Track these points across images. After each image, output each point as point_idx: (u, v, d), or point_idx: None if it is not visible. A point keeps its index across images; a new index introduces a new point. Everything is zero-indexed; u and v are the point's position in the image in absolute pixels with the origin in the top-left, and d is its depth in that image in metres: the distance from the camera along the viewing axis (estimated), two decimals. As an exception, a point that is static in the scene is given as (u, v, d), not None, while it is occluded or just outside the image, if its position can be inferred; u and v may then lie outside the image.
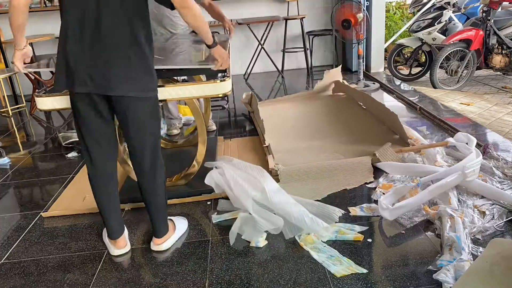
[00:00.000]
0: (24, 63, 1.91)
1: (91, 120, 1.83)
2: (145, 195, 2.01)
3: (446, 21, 4.89)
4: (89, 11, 1.66)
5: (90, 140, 1.87)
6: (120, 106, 1.79)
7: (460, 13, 5.32)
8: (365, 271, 1.79)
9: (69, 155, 3.34)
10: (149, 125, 1.88)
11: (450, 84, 4.80)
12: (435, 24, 4.87)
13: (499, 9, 4.78)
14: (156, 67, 1.85)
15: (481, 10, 4.85)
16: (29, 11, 1.83)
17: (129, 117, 1.81)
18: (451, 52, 4.64)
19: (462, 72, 4.71)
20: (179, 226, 2.19)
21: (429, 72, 4.78)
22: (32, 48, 4.91)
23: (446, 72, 4.82)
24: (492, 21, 4.66)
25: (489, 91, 4.73)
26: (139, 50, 1.73)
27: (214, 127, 3.76)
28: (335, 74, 4.37)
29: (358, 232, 2.05)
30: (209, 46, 1.94)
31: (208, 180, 2.44)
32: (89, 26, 1.67)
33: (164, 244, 2.07)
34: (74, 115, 1.86)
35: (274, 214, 2.15)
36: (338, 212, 2.21)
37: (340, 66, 4.54)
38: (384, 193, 2.33)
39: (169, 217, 2.15)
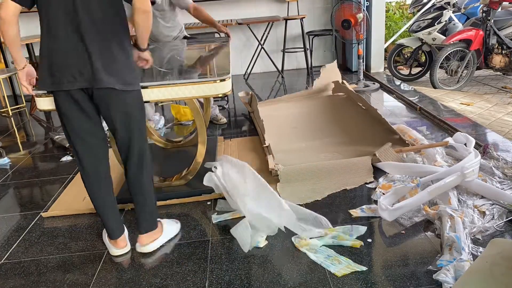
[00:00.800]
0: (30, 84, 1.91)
1: (75, 119, 1.82)
2: (132, 188, 1.99)
3: (446, 21, 4.89)
4: (68, 8, 1.67)
5: (77, 141, 1.87)
6: (103, 99, 1.79)
7: (460, 13, 5.33)
8: (364, 268, 1.80)
9: (63, 158, 3.31)
10: (132, 117, 1.87)
11: (450, 84, 4.80)
12: (435, 24, 4.87)
13: (499, 9, 4.78)
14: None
15: (481, 10, 4.85)
16: (27, 11, 1.82)
17: (111, 110, 1.82)
18: (451, 52, 4.64)
19: (462, 72, 4.71)
20: (169, 229, 2.15)
21: (429, 72, 4.78)
22: (32, 48, 4.98)
23: (446, 72, 4.82)
24: (492, 21, 4.66)
25: (489, 91, 4.73)
26: (120, 44, 1.76)
27: (225, 120, 3.87)
28: (332, 68, 4.37)
29: (356, 238, 2.01)
30: (142, 50, 1.93)
31: (207, 181, 2.43)
32: (71, 23, 1.68)
33: (149, 246, 2.05)
34: (59, 116, 1.86)
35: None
36: (324, 221, 2.10)
37: (335, 61, 4.54)
38: (384, 193, 2.33)
39: (159, 219, 2.13)
